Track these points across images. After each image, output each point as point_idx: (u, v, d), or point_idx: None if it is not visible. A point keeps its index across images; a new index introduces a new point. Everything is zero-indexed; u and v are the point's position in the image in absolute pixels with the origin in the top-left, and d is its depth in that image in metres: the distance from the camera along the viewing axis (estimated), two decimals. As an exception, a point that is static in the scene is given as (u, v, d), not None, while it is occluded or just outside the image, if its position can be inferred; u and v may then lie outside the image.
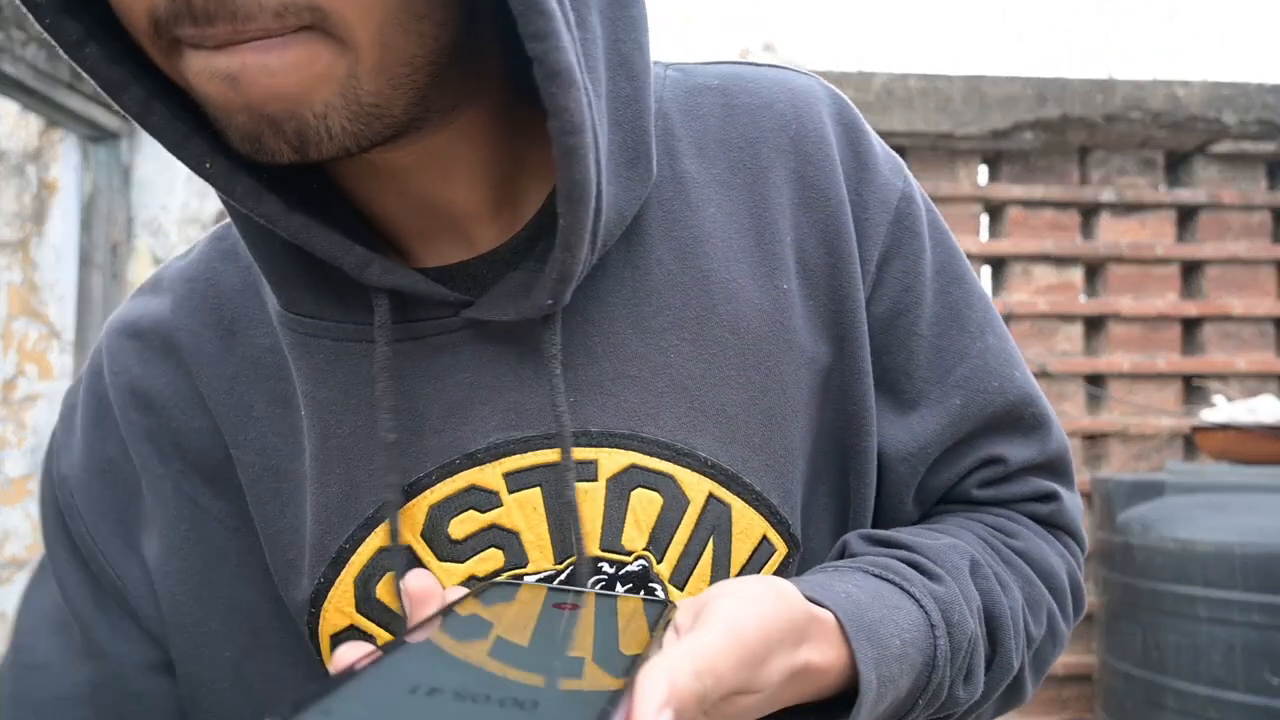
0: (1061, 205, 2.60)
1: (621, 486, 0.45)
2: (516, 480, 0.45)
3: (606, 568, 0.45)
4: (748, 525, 0.47)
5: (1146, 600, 2.01)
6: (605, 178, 0.41)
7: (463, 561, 0.46)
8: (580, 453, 0.45)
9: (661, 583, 0.46)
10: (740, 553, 0.47)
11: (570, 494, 0.44)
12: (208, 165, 0.39)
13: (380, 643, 0.46)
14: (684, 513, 0.46)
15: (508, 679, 0.30)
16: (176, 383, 0.49)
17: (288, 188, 0.41)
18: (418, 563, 0.45)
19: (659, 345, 0.46)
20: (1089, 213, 2.66)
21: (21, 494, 2.57)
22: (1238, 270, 2.60)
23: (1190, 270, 2.65)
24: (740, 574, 0.47)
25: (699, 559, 0.46)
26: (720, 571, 0.46)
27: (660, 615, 0.37)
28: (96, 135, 2.54)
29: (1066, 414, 2.55)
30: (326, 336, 0.45)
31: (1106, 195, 2.58)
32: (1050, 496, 0.52)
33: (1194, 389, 2.58)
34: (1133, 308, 2.56)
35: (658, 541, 0.46)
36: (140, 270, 2.61)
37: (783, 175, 0.48)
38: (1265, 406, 2.13)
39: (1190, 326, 2.63)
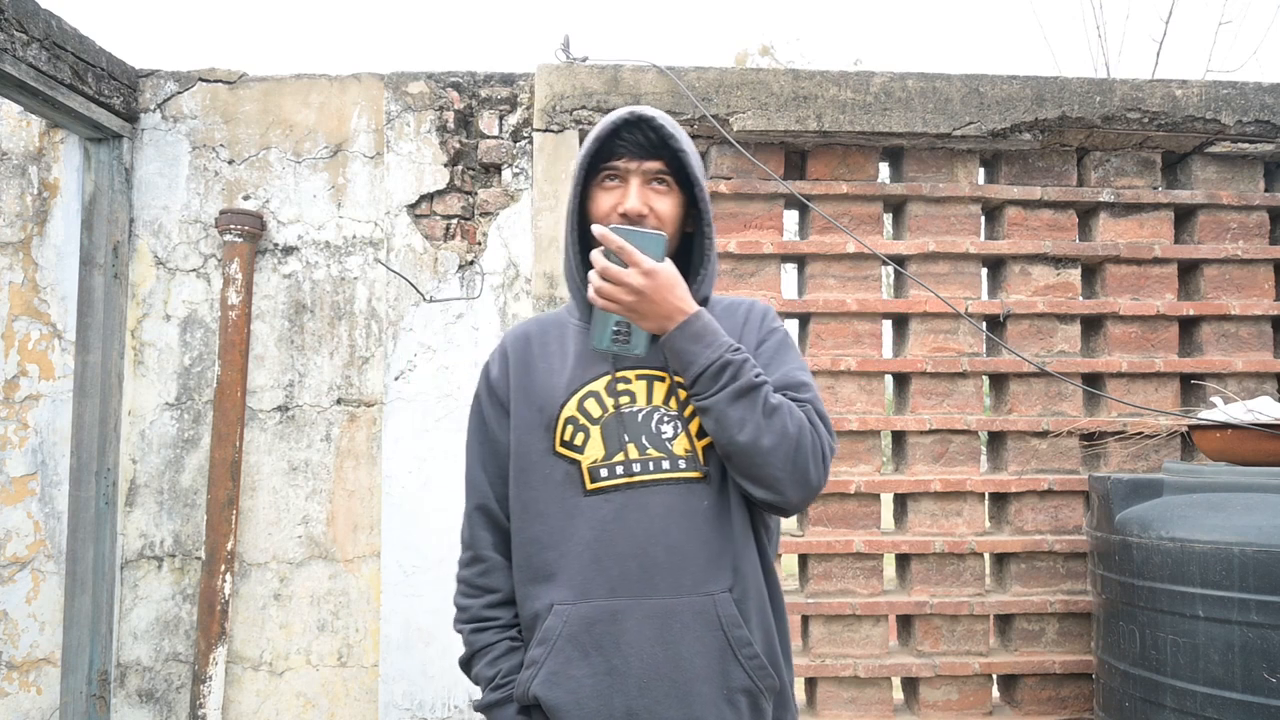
0: (1059, 205, 2.61)
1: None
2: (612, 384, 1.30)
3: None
4: None
5: (1145, 599, 2.02)
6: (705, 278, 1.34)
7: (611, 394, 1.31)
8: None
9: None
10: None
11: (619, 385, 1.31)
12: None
13: (579, 422, 1.24)
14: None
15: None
16: (505, 364, 1.36)
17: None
18: (601, 399, 1.24)
19: None
20: (1087, 213, 2.66)
21: (23, 493, 2.57)
22: (1235, 270, 2.60)
23: (1188, 270, 2.66)
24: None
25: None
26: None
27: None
28: (98, 136, 2.55)
29: (1065, 414, 2.56)
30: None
31: (1105, 195, 2.59)
32: (806, 403, 1.25)
33: (1192, 389, 2.59)
34: (1131, 308, 2.57)
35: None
36: (141, 270, 2.61)
37: (742, 315, 1.35)
38: (1263, 406, 2.13)
39: (1188, 326, 2.64)
